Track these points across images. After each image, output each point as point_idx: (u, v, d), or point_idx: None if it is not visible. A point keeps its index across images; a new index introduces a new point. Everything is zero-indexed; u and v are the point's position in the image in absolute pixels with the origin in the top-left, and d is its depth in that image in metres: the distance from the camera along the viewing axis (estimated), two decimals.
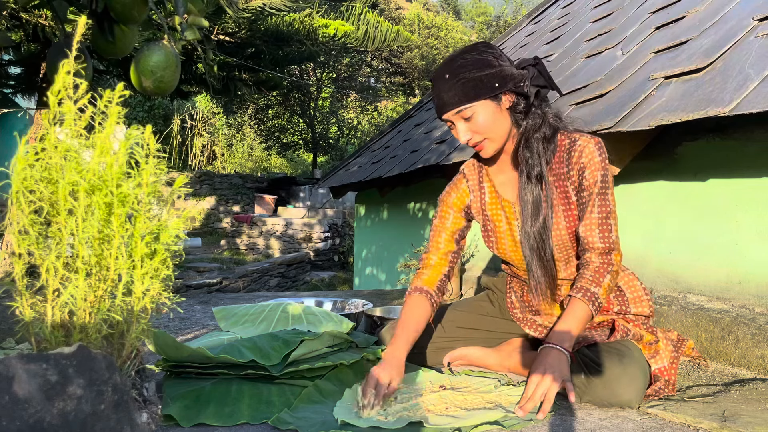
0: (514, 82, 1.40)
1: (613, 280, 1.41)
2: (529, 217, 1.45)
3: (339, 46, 4.07)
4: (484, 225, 1.61)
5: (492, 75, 1.38)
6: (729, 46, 1.85)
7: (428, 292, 1.54)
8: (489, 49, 1.42)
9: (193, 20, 1.19)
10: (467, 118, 1.40)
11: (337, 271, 10.41)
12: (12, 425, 0.56)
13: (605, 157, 1.43)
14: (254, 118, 17.22)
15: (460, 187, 1.62)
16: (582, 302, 1.37)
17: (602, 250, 1.41)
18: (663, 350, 1.45)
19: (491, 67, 1.39)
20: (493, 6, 24.11)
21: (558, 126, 1.48)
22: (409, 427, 1.18)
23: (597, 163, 1.41)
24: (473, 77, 1.37)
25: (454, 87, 1.38)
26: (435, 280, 1.56)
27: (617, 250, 1.42)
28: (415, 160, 3.69)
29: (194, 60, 3.47)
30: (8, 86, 3.15)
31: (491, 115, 1.40)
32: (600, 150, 1.42)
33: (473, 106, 1.39)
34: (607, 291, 1.40)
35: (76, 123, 0.77)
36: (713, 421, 1.21)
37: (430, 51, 18.77)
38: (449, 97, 1.39)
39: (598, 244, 1.41)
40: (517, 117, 1.45)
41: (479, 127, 1.41)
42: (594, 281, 1.39)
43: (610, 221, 1.41)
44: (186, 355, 1.38)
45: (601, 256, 1.41)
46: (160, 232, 0.81)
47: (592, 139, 1.43)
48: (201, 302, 2.90)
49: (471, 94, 1.38)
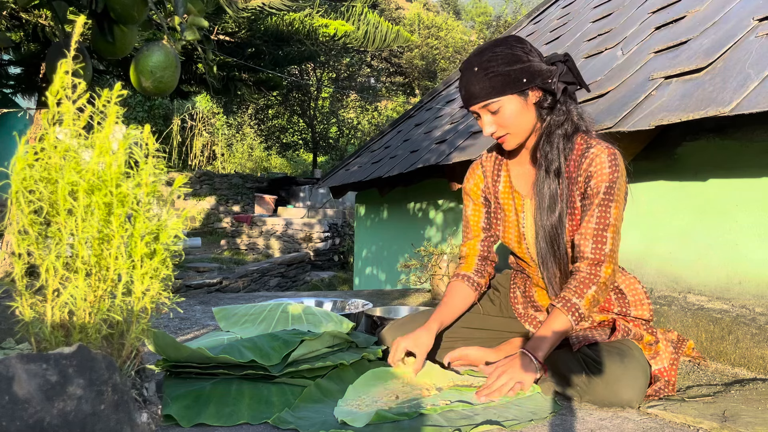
0: (542, 78, 1.40)
1: (600, 292, 1.39)
2: (546, 210, 1.45)
3: (339, 46, 4.07)
4: (495, 211, 1.64)
5: (521, 70, 1.39)
6: (729, 46, 1.85)
7: (466, 276, 1.63)
8: (519, 43, 1.43)
9: (192, 20, 1.19)
10: (494, 111, 1.42)
11: (337, 271, 10.41)
12: (12, 425, 0.56)
13: (616, 169, 1.40)
14: (254, 118, 17.21)
15: (476, 172, 1.66)
16: (561, 312, 1.38)
17: (591, 261, 1.40)
18: (663, 351, 1.45)
19: (520, 62, 1.39)
20: (493, 6, 24.10)
21: (580, 126, 1.47)
22: (409, 425, 1.18)
23: (605, 174, 1.39)
24: (502, 71, 1.38)
25: (483, 80, 1.39)
26: (471, 265, 1.64)
27: (609, 263, 1.39)
28: (415, 160, 3.69)
29: (194, 60, 3.47)
30: (8, 86, 3.15)
31: (517, 110, 1.41)
32: (612, 161, 1.40)
33: (500, 101, 1.40)
34: (590, 302, 1.38)
35: (75, 123, 0.77)
36: (713, 421, 1.21)
37: (430, 51, 18.77)
38: (477, 89, 1.40)
39: (588, 254, 1.40)
40: (543, 112, 1.45)
41: (504, 121, 1.42)
42: (577, 292, 1.38)
43: (606, 233, 1.39)
44: (186, 355, 1.38)
45: (589, 266, 1.40)
46: (159, 232, 0.81)
47: (607, 149, 1.41)
48: (201, 302, 2.90)
49: (499, 88, 1.39)
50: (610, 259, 1.40)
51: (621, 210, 1.42)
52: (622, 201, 1.43)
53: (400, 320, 1.73)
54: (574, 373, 1.36)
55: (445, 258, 2.88)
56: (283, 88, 11.42)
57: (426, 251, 2.97)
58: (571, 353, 1.40)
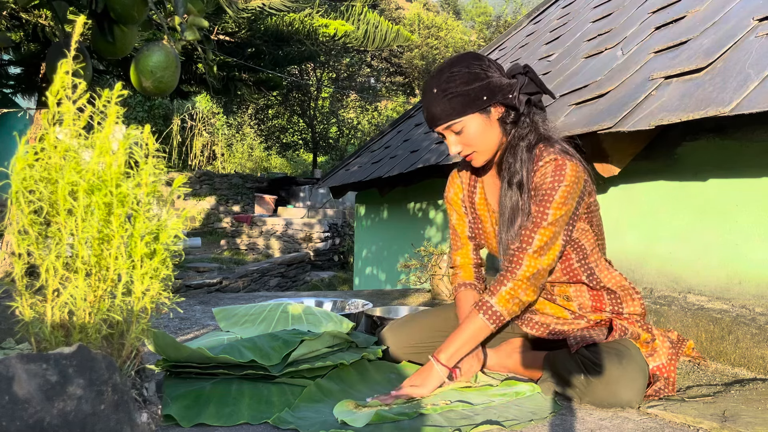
0: (503, 93, 1.40)
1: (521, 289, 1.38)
2: (506, 223, 1.46)
3: (339, 46, 4.07)
4: (474, 221, 1.65)
5: (480, 88, 1.38)
6: (729, 46, 1.85)
7: (471, 284, 1.65)
8: (477, 60, 1.42)
9: (192, 20, 1.19)
10: (457, 132, 1.42)
11: (337, 271, 10.41)
12: (12, 425, 0.56)
13: (561, 179, 1.36)
14: (254, 118, 17.21)
15: (455, 182, 1.69)
16: (473, 311, 1.41)
17: (510, 258, 1.39)
18: (660, 348, 1.45)
19: (479, 79, 1.38)
20: (493, 6, 24.10)
21: (543, 135, 1.45)
22: (409, 425, 1.18)
23: (547, 183, 1.37)
24: (461, 91, 1.38)
25: (443, 102, 1.39)
26: (470, 273, 1.67)
27: (532, 259, 1.37)
28: (415, 160, 3.69)
29: (194, 60, 3.47)
30: (8, 86, 3.15)
31: (480, 128, 1.41)
32: (557, 172, 1.36)
33: (462, 121, 1.40)
34: (506, 299, 1.38)
35: (75, 123, 0.77)
36: (713, 421, 1.21)
37: (430, 51, 18.76)
38: (438, 111, 1.41)
39: (510, 249, 1.41)
40: (507, 127, 1.45)
41: (469, 140, 1.43)
42: (491, 290, 1.40)
43: (534, 234, 1.37)
44: (186, 355, 1.38)
45: (508, 263, 1.40)
46: (159, 232, 0.81)
47: (555, 161, 1.38)
48: (201, 302, 2.90)
49: (459, 109, 1.39)
50: (535, 256, 1.37)
51: (563, 214, 1.37)
52: (567, 207, 1.37)
53: (400, 320, 1.73)
54: (572, 375, 1.36)
55: (445, 258, 2.88)
56: (283, 88, 11.42)
57: (426, 251, 2.97)
58: (569, 355, 1.39)
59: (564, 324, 1.51)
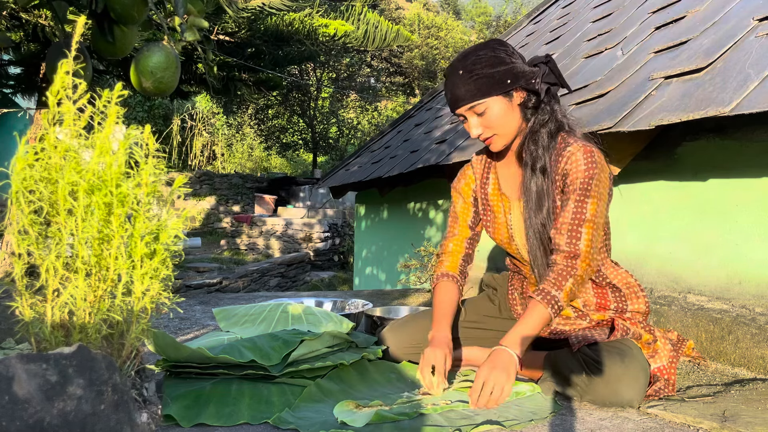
0: (526, 79, 1.44)
1: (577, 285, 1.40)
2: (534, 207, 1.47)
3: (339, 46, 4.07)
4: (485, 213, 1.65)
5: (504, 72, 1.42)
6: (729, 46, 1.85)
7: (453, 276, 1.63)
8: (502, 46, 1.46)
9: (192, 21, 1.19)
10: (480, 113, 1.45)
11: (337, 271, 10.41)
12: (12, 425, 0.56)
13: (594, 166, 1.40)
14: (254, 118, 17.20)
15: (467, 173, 1.70)
16: (541, 305, 1.38)
17: (567, 254, 1.40)
18: (661, 349, 1.45)
19: (504, 64, 1.42)
20: (493, 6, 24.11)
21: (563, 124, 1.49)
22: (409, 425, 1.18)
23: (580, 171, 1.40)
24: (486, 74, 1.41)
25: (468, 83, 1.42)
26: (456, 264, 1.65)
27: (584, 258, 1.39)
28: (415, 160, 3.69)
29: (194, 60, 3.47)
30: (8, 86, 3.15)
31: (503, 111, 1.44)
32: (588, 158, 1.41)
33: (485, 102, 1.43)
34: (568, 295, 1.39)
35: (75, 123, 0.77)
36: (713, 421, 1.21)
37: (430, 51, 18.76)
38: (463, 92, 1.43)
39: (564, 247, 1.40)
40: (527, 112, 1.48)
41: (490, 122, 1.45)
42: (556, 284, 1.39)
43: (581, 229, 1.39)
44: (186, 355, 1.38)
45: (566, 259, 1.40)
46: (159, 232, 0.81)
47: (584, 147, 1.42)
48: (201, 302, 2.90)
49: (484, 90, 1.42)
50: (585, 255, 1.39)
51: (601, 206, 1.42)
52: (603, 198, 1.43)
53: (400, 320, 1.73)
54: (574, 373, 1.36)
55: None
56: (283, 88, 11.42)
57: (426, 251, 2.97)
58: (571, 353, 1.40)
59: (566, 324, 1.51)
